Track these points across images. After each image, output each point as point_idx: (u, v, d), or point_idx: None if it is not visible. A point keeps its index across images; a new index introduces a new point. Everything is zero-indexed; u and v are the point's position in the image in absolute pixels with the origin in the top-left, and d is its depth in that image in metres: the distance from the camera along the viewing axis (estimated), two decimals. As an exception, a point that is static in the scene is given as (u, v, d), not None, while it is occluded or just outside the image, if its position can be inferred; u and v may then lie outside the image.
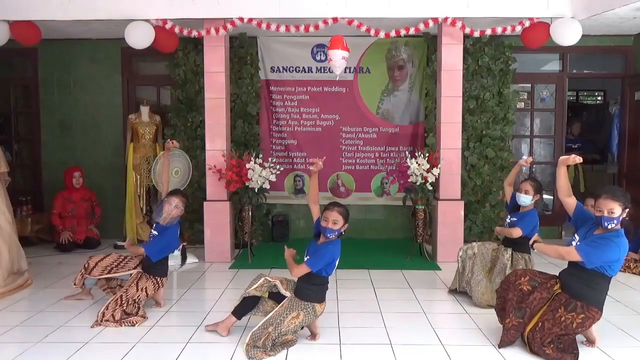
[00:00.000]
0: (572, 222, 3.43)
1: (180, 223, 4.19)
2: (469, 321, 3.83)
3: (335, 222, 3.34)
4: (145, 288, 3.94)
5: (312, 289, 3.36)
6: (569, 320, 3.15)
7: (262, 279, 3.45)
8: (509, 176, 4.58)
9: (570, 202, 3.37)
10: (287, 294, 3.40)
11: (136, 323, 3.74)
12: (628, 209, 3.16)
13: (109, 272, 4.01)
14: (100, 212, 6.54)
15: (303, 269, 3.31)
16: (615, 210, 3.11)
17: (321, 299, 3.41)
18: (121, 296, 3.83)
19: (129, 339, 3.49)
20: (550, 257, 3.69)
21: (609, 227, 3.14)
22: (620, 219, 3.15)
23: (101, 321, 3.71)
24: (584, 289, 3.19)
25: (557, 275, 3.38)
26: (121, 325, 3.70)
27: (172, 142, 4.59)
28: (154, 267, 4.03)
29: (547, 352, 3.12)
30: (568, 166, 3.47)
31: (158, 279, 4.05)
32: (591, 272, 3.17)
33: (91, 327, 3.69)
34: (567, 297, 3.22)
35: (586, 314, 3.16)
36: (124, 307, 3.79)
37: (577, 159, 3.31)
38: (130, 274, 4.03)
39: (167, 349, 3.34)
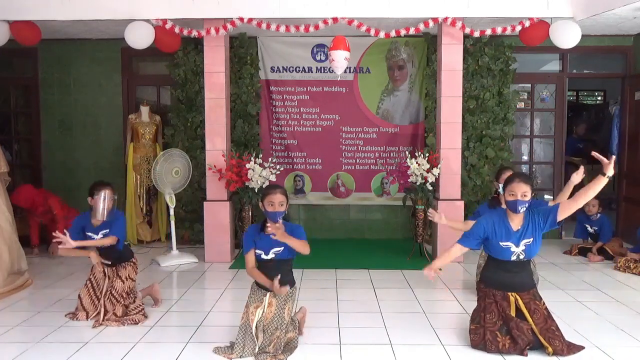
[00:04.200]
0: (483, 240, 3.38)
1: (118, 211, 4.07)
2: (469, 321, 3.82)
3: (281, 203, 3.28)
4: (128, 275, 3.95)
5: (292, 272, 3.43)
6: (544, 307, 3.30)
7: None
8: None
9: None
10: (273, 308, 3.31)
11: (139, 321, 3.76)
12: (534, 193, 3.32)
13: (97, 302, 3.88)
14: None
15: (304, 244, 3.27)
16: (527, 193, 3.22)
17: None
18: (111, 294, 3.82)
19: (129, 339, 3.49)
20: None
21: (522, 210, 3.25)
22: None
23: (103, 320, 3.72)
24: (529, 277, 3.42)
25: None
26: (123, 324, 3.72)
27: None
28: (123, 254, 4.00)
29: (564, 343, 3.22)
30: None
31: (132, 262, 4.04)
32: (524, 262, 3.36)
33: (93, 327, 3.69)
34: (527, 293, 3.33)
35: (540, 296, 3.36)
36: (122, 302, 3.81)
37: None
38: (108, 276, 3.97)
39: (167, 349, 3.34)
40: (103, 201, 3.86)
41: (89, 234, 3.92)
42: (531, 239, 3.28)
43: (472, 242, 3.32)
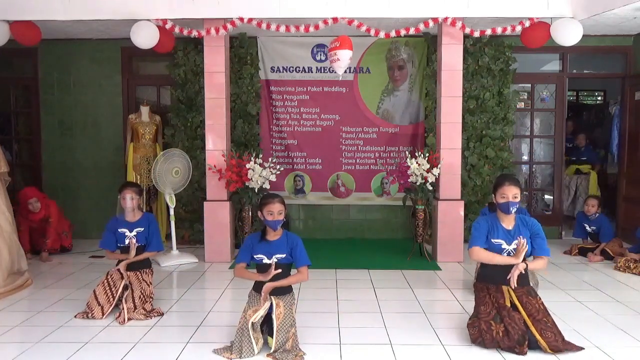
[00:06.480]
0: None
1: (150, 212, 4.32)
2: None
3: (280, 212, 3.37)
4: (150, 282, 4.14)
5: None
6: (540, 302, 3.35)
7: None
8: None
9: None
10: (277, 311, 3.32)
11: (162, 312, 3.98)
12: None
13: (112, 300, 3.97)
14: (53, 233, 5.84)
15: (305, 272, 3.40)
16: (517, 195, 3.40)
17: None
18: (142, 292, 3.98)
19: (129, 339, 3.49)
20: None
21: (513, 211, 3.40)
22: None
23: (133, 312, 3.83)
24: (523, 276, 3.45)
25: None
26: (151, 317, 3.87)
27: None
28: (146, 261, 4.21)
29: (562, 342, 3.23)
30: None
31: (152, 270, 4.26)
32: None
33: (120, 323, 3.75)
34: (521, 288, 3.38)
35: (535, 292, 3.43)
36: (150, 302, 4.00)
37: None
38: (125, 278, 4.06)
39: (167, 349, 3.34)
40: (123, 201, 4.16)
41: (123, 230, 4.15)
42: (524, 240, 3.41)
43: (482, 240, 3.46)
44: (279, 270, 3.31)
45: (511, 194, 3.39)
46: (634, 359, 3.22)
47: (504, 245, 3.43)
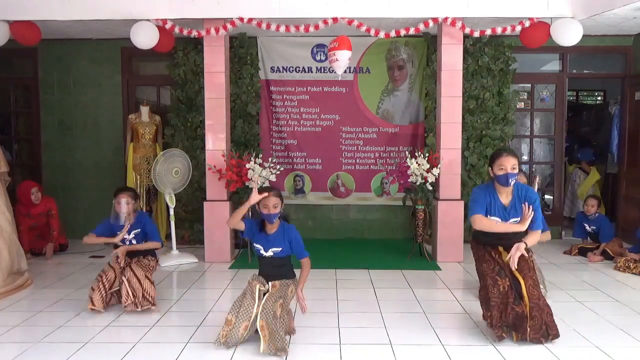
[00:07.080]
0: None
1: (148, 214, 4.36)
2: (469, 321, 3.83)
3: (275, 206, 3.40)
4: (153, 266, 4.24)
5: (291, 266, 3.56)
6: (532, 259, 3.42)
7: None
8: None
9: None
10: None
11: (156, 303, 4.03)
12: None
13: (110, 288, 4.03)
14: (58, 226, 5.99)
15: (308, 263, 3.50)
16: (516, 165, 3.34)
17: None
18: (142, 267, 4.06)
19: (129, 338, 3.49)
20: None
21: (512, 182, 3.35)
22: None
23: (134, 299, 3.91)
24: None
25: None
26: (150, 304, 3.96)
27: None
28: (149, 250, 4.28)
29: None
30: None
31: (156, 259, 4.34)
32: None
33: (125, 308, 3.90)
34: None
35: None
36: (151, 272, 4.12)
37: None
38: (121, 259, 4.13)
39: (167, 349, 3.34)
40: (118, 205, 4.15)
41: (119, 233, 4.16)
42: (518, 218, 3.40)
43: (483, 207, 3.43)
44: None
45: (509, 164, 3.33)
46: (634, 359, 3.22)
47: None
